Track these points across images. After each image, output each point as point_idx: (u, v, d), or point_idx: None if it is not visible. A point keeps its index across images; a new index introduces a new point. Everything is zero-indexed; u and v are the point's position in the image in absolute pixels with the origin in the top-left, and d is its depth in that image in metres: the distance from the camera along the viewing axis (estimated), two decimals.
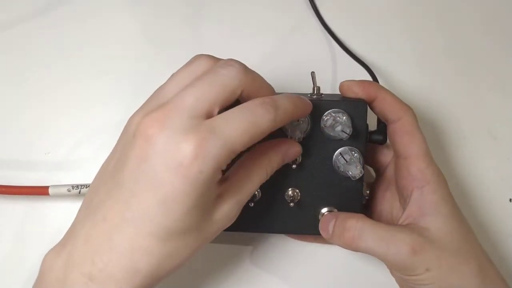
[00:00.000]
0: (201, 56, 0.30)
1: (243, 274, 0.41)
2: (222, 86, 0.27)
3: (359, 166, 0.33)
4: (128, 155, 0.27)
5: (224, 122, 0.26)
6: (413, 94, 0.43)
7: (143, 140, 0.26)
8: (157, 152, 0.25)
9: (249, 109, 0.27)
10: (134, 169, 0.26)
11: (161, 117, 0.26)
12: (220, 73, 0.27)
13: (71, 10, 0.44)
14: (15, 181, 0.41)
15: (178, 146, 0.25)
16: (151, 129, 0.26)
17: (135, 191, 0.26)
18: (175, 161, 0.25)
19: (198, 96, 0.26)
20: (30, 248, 0.41)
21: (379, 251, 0.32)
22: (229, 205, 0.29)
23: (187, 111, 0.26)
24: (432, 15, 0.44)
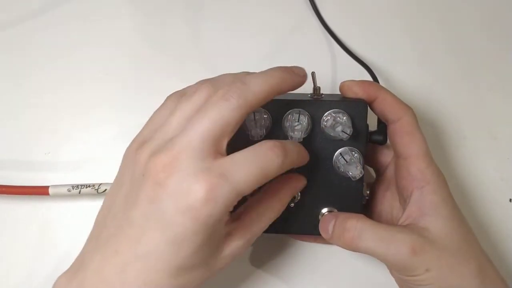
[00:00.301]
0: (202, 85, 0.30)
1: (243, 274, 0.41)
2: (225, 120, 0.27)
3: (359, 167, 0.33)
4: (138, 194, 0.27)
5: (235, 166, 0.27)
6: (413, 94, 0.43)
7: (153, 183, 0.27)
8: (169, 195, 0.26)
9: (260, 154, 0.28)
10: (145, 208, 0.27)
11: (170, 161, 0.27)
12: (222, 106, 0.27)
13: (71, 10, 0.44)
14: (15, 181, 0.41)
15: (189, 189, 0.26)
16: (162, 174, 0.26)
17: (146, 229, 0.27)
18: (186, 204, 0.26)
19: (205, 134, 0.27)
20: (30, 248, 0.41)
21: (379, 251, 0.32)
22: (238, 243, 0.30)
23: (195, 153, 0.27)
24: (432, 15, 0.44)
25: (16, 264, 0.41)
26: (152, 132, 0.30)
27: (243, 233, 0.30)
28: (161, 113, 0.31)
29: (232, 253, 0.30)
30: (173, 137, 0.28)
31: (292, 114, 0.34)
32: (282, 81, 0.30)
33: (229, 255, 0.30)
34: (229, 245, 0.30)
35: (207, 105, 0.28)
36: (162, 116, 0.31)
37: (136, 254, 0.27)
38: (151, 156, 0.27)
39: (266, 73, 0.30)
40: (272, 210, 0.32)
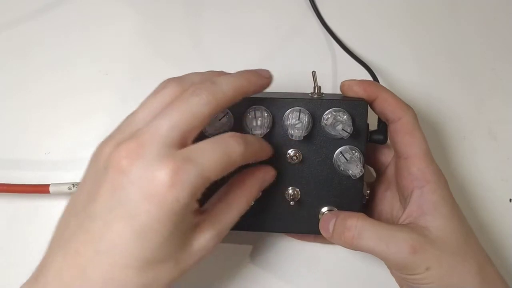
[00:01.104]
0: (168, 82, 0.30)
1: (243, 273, 0.41)
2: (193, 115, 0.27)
3: (359, 165, 0.34)
4: (100, 186, 0.26)
5: (199, 151, 0.27)
6: (413, 94, 0.43)
7: (116, 171, 0.26)
8: (132, 181, 0.25)
9: (222, 141, 0.28)
10: (108, 199, 0.26)
11: (135, 146, 0.26)
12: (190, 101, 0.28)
13: (71, 12, 0.44)
14: (16, 180, 0.41)
15: (154, 174, 0.25)
16: (125, 160, 0.26)
17: (109, 221, 0.26)
18: (151, 190, 0.25)
19: (172, 124, 0.27)
20: (31, 246, 0.41)
21: (379, 250, 0.32)
22: (207, 236, 0.29)
23: (162, 140, 0.26)
24: (432, 15, 0.44)
25: (17, 262, 0.41)
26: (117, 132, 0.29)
27: (211, 224, 0.30)
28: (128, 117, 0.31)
29: (201, 247, 0.29)
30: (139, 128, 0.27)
31: (293, 112, 0.34)
32: (249, 83, 0.31)
33: (198, 250, 0.29)
34: (198, 238, 0.29)
35: (177, 100, 0.28)
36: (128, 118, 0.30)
37: (98, 251, 0.26)
38: (115, 147, 0.27)
39: (234, 75, 0.31)
40: (240, 200, 0.32)
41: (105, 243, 0.25)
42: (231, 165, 0.28)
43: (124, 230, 0.25)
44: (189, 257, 0.28)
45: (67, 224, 0.28)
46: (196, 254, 0.29)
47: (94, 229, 0.26)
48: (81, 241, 0.26)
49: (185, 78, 0.30)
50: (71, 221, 0.27)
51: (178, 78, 0.30)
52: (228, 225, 0.31)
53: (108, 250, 0.25)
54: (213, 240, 0.29)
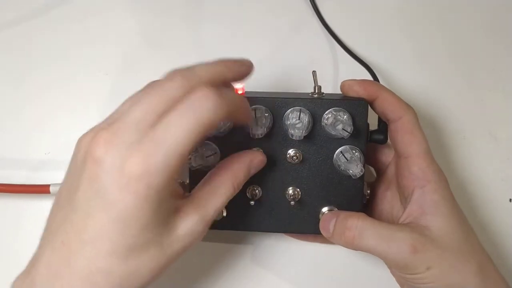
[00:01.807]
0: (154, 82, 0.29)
1: (244, 273, 0.41)
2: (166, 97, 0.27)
3: (359, 165, 0.34)
4: (80, 178, 0.27)
5: (165, 129, 0.26)
6: (413, 94, 0.43)
7: (92, 162, 0.26)
8: (106, 171, 0.25)
9: (190, 107, 0.26)
10: (87, 190, 0.26)
11: (108, 136, 0.26)
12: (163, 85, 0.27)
13: (70, 10, 0.44)
14: (16, 180, 0.41)
15: (125, 163, 0.25)
16: (99, 149, 0.26)
17: (90, 212, 0.26)
18: (123, 178, 0.25)
19: (143, 109, 0.26)
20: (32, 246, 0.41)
21: (380, 250, 0.32)
22: (192, 221, 0.29)
23: (133, 126, 0.26)
24: (432, 15, 0.44)
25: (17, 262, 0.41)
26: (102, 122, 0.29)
27: (195, 208, 0.29)
28: None
29: (187, 232, 0.28)
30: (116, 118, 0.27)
31: (293, 112, 0.34)
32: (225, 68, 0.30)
33: (184, 235, 0.28)
34: (182, 222, 0.28)
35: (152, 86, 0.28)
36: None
37: (82, 240, 0.26)
38: (92, 139, 0.27)
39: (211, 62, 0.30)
40: (225, 185, 0.31)
41: (88, 233, 0.26)
42: (207, 130, 0.26)
43: (103, 219, 0.26)
44: (174, 242, 0.28)
45: (53, 218, 0.28)
46: (182, 239, 0.28)
47: (78, 220, 0.26)
48: (67, 232, 0.27)
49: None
50: (57, 214, 0.28)
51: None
52: (214, 209, 0.30)
53: (91, 239, 0.26)
54: (200, 226, 0.29)
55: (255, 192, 0.35)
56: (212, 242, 0.42)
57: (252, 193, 0.35)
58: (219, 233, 0.41)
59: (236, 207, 0.36)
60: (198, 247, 0.41)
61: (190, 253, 0.41)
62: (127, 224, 0.26)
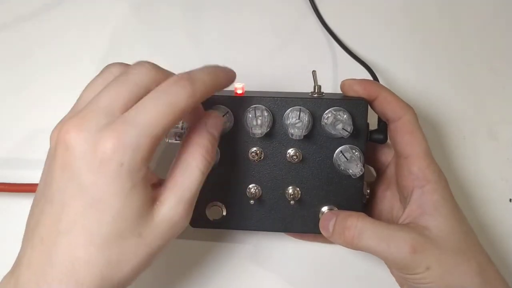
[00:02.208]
0: (112, 64, 0.30)
1: (244, 273, 0.41)
2: (134, 84, 0.27)
3: (359, 164, 0.34)
4: (52, 168, 0.26)
5: (138, 110, 0.26)
6: (413, 94, 0.43)
7: (62, 149, 0.26)
8: (77, 156, 0.25)
9: (163, 91, 0.27)
10: (60, 179, 0.26)
11: (77, 122, 0.26)
12: (131, 73, 0.28)
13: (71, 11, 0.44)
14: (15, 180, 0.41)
15: (96, 144, 0.25)
16: (68, 135, 0.26)
17: (64, 201, 0.26)
18: (95, 160, 0.25)
19: (113, 95, 0.26)
20: None
21: (380, 249, 0.32)
22: (169, 204, 0.28)
23: (102, 111, 0.26)
24: (432, 15, 0.44)
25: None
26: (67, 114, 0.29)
27: (171, 190, 0.28)
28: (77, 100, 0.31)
29: (165, 218, 0.27)
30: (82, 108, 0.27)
31: (293, 111, 0.34)
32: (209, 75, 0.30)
33: (162, 221, 0.27)
34: (160, 208, 0.27)
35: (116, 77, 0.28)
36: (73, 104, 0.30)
37: (59, 232, 0.26)
38: (59, 130, 0.26)
39: None
40: (193, 157, 0.29)
41: (64, 224, 0.26)
42: (180, 113, 0.27)
43: (78, 206, 0.25)
44: (154, 230, 0.27)
45: (31, 215, 0.28)
46: (161, 226, 0.27)
47: (53, 211, 0.26)
48: (44, 227, 0.26)
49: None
50: (34, 211, 0.28)
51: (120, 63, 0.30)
52: (191, 187, 0.28)
53: (67, 229, 0.25)
54: (176, 209, 0.28)
55: (255, 191, 0.35)
56: (212, 241, 0.42)
57: (252, 192, 0.35)
58: (218, 232, 0.41)
59: (235, 207, 0.36)
60: (198, 246, 0.41)
61: (190, 253, 0.41)
62: (101, 209, 0.25)
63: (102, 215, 0.25)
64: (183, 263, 0.41)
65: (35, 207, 0.28)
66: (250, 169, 0.36)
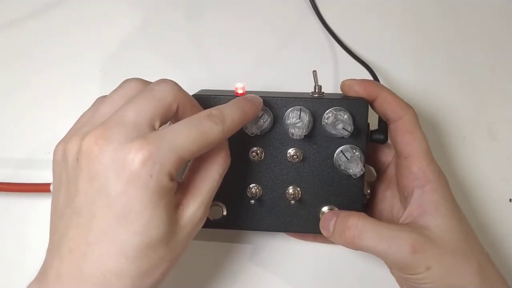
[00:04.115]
0: (131, 79, 0.30)
1: (243, 273, 0.41)
2: (159, 101, 0.27)
3: (360, 164, 0.34)
4: (77, 179, 0.26)
5: (172, 131, 0.26)
6: (413, 93, 0.43)
7: (89, 159, 0.26)
8: (106, 166, 0.25)
9: (197, 120, 0.27)
10: (87, 190, 0.26)
11: (103, 133, 0.26)
12: (156, 89, 0.28)
13: (71, 11, 0.44)
14: (16, 180, 0.41)
15: (126, 155, 0.25)
16: (96, 146, 0.25)
17: (94, 212, 0.25)
18: (125, 170, 0.25)
19: (138, 110, 0.26)
20: (33, 244, 0.41)
21: (380, 249, 0.32)
22: (192, 208, 0.29)
23: (131, 124, 0.26)
24: (432, 15, 0.44)
25: (18, 261, 0.41)
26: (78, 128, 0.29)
27: (193, 196, 0.29)
28: (87, 113, 0.30)
29: (189, 222, 0.28)
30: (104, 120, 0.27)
31: (293, 111, 0.34)
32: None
33: (186, 225, 0.28)
34: (183, 213, 0.28)
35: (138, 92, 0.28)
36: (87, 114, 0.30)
37: (89, 243, 0.25)
38: (81, 140, 0.26)
39: None
40: (214, 161, 0.30)
41: (94, 235, 0.25)
42: (209, 145, 0.28)
43: (108, 216, 0.25)
44: (179, 236, 0.28)
45: (55, 227, 0.28)
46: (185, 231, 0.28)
47: (82, 223, 0.26)
48: (72, 238, 0.26)
49: None
50: (58, 223, 0.27)
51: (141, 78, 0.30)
52: (211, 191, 0.30)
53: (98, 240, 0.25)
54: (199, 211, 0.29)
55: (255, 191, 0.35)
56: (211, 241, 0.42)
57: (252, 192, 0.35)
58: (218, 232, 0.41)
59: (236, 207, 0.36)
60: (197, 246, 0.41)
61: (190, 253, 0.41)
62: (131, 220, 0.25)
63: (132, 226, 0.25)
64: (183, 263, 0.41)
65: (58, 219, 0.28)
66: (251, 169, 0.36)
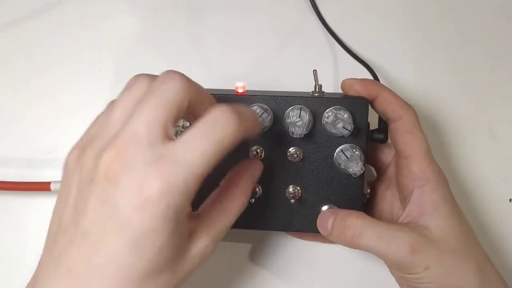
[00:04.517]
0: (138, 77, 0.28)
1: (242, 272, 0.41)
2: (168, 103, 0.26)
3: (360, 163, 0.34)
4: (87, 199, 0.25)
5: (186, 147, 0.25)
6: (413, 93, 0.43)
7: (104, 183, 0.25)
8: (121, 192, 0.24)
9: (212, 124, 0.26)
10: (97, 213, 0.25)
11: (118, 155, 0.25)
12: (163, 89, 0.26)
13: (71, 11, 0.44)
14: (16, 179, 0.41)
15: (143, 183, 0.24)
16: (111, 171, 0.24)
17: (103, 235, 0.24)
18: (142, 199, 0.24)
19: (149, 120, 0.25)
20: (32, 243, 0.41)
21: (379, 249, 0.32)
22: (204, 242, 0.28)
23: (144, 141, 0.25)
24: (432, 15, 0.44)
25: (18, 259, 0.41)
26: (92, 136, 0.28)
27: (207, 230, 0.28)
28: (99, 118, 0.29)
29: (198, 255, 0.28)
30: (117, 132, 0.26)
31: (293, 110, 0.34)
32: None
33: (195, 257, 0.28)
34: (195, 245, 0.28)
35: (147, 93, 0.26)
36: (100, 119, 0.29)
37: (93, 266, 0.24)
38: (97, 157, 0.25)
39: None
40: (236, 202, 0.30)
41: (101, 257, 0.24)
42: (226, 150, 0.26)
43: (118, 242, 0.24)
44: (186, 265, 0.27)
45: (54, 241, 0.26)
46: (193, 261, 0.28)
47: (88, 244, 0.25)
48: (74, 257, 0.25)
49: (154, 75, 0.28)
50: (59, 237, 0.26)
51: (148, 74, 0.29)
52: (225, 229, 0.30)
53: (103, 264, 0.24)
54: (210, 246, 0.28)
55: (255, 190, 0.35)
56: None
57: (252, 191, 0.35)
58: None
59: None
60: None
61: None
62: (142, 247, 0.24)
63: (143, 254, 0.24)
64: None
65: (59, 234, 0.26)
66: None
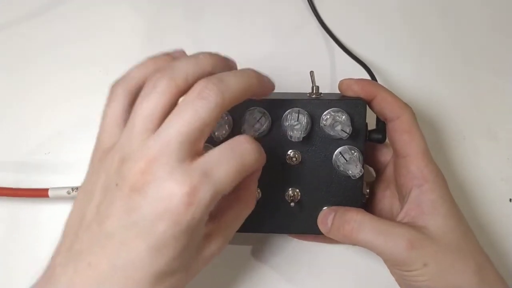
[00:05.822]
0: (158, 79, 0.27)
1: (243, 274, 0.41)
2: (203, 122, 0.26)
3: (358, 165, 0.34)
4: (113, 204, 0.26)
5: (215, 165, 0.26)
6: (412, 93, 0.43)
7: (131, 191, 0.25)
8: (149, 202, 0.25)
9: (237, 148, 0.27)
10: (122, 218, 0.26)
11: (147, 166, 0.25)
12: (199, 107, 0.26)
13: (70, 8, 0.45)
14: (15, 182, 0.41)
15: (171, 195, 0.25)
16: (140, 181, 0.25)
17: (126, 240, 0.25)
18: (168, 210, 0.25)
19: (182, 138, 0.26)
20: (29, 251, 0.41)
21: (377, 244, 0.32)
22: (217, 243, 0.29)
23: (174, 156, 0.25)
24: (432, 15, 0.44)
25: (16, 267, 0.41)
26: (114, 135, 0.28)
27: (222, 232, 0.30)
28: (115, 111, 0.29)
29: (211, 254, 0.29)
30: (145, 139, 0.26)
31: (291, 113, 0.34)
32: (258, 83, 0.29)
33: (208, 256, 0.29)
34: (209, 246, 0.29)
35: (182, 105, 0.26)
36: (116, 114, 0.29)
37: (114, 266, 0.25)
38: (124, 163, 0.26)
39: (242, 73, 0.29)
40: (247, 205, 0.32)
41: (122, 259, 0.25)
42: (246, 174, 0.28)
43: (140, 246, 0.25)
44: (200, 264, 0.29)
45: (76, 236, 0.27)
46: (205, 261, 0.29)
47: (111, 245, 0.26)
48: (96, 255, 0.26)
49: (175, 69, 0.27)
50: (82, 233, 0.27)
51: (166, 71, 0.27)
52: (236, 230, 0.31)
53: (124, 265, 0.25)
54: (222, 246, 0.30)
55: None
56: None
57: None
58: None
59: None
60: None
61: None
62: (161, 252, 0.25)
63: (162, 258, 0.26)
64: None
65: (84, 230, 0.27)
66: None
